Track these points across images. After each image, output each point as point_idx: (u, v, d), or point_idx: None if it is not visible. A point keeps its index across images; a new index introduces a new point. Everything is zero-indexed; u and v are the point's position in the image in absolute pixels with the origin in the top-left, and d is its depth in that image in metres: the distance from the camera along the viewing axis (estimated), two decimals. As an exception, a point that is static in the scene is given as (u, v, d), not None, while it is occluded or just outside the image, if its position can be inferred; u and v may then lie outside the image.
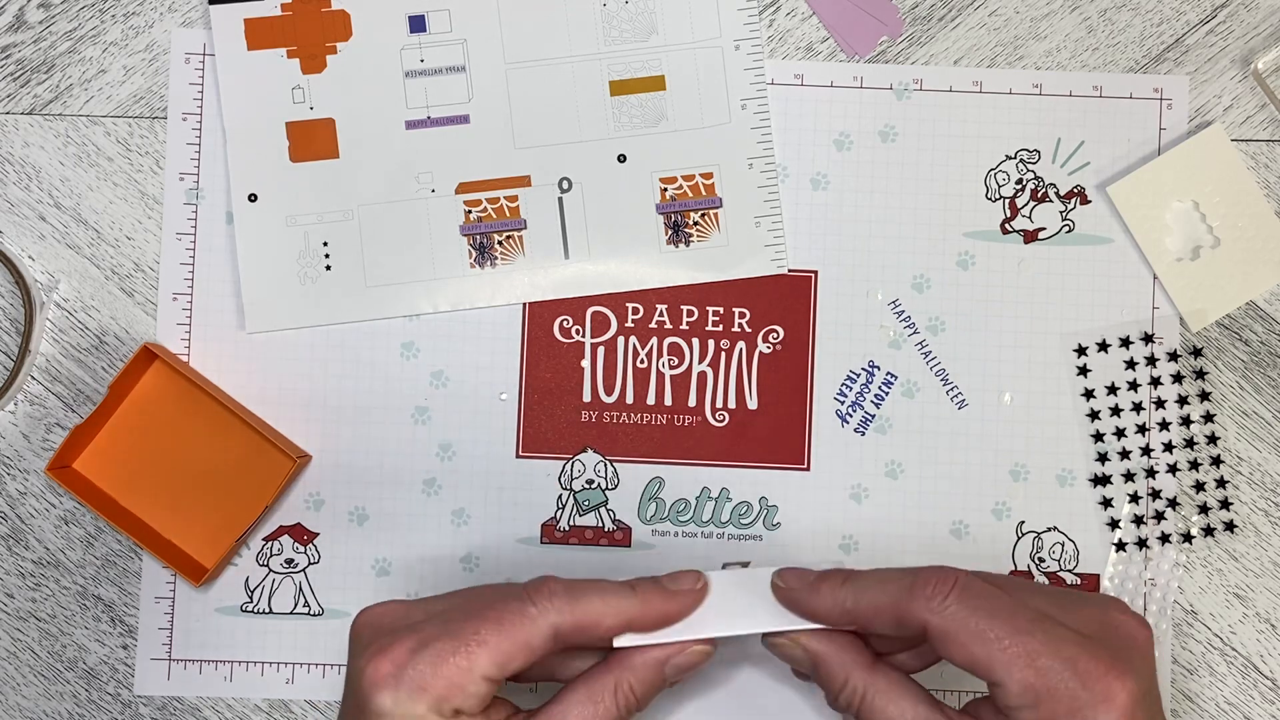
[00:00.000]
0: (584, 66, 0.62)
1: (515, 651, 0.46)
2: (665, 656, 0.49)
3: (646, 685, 0.49)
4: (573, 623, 0.47)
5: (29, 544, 0.62)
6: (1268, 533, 0.62)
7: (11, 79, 0.63)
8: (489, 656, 0.45)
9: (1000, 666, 0.44)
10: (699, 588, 0.50)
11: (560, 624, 0.46)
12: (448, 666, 0.45)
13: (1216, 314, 0.62)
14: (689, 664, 0.49)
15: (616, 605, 0.48)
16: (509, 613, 0.46)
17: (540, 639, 0.46)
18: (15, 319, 0.62)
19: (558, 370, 0.62)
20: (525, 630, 0.46)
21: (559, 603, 0.47)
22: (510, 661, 0.46)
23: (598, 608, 0.47)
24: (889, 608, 0.46)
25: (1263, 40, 0.64)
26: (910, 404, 0.62)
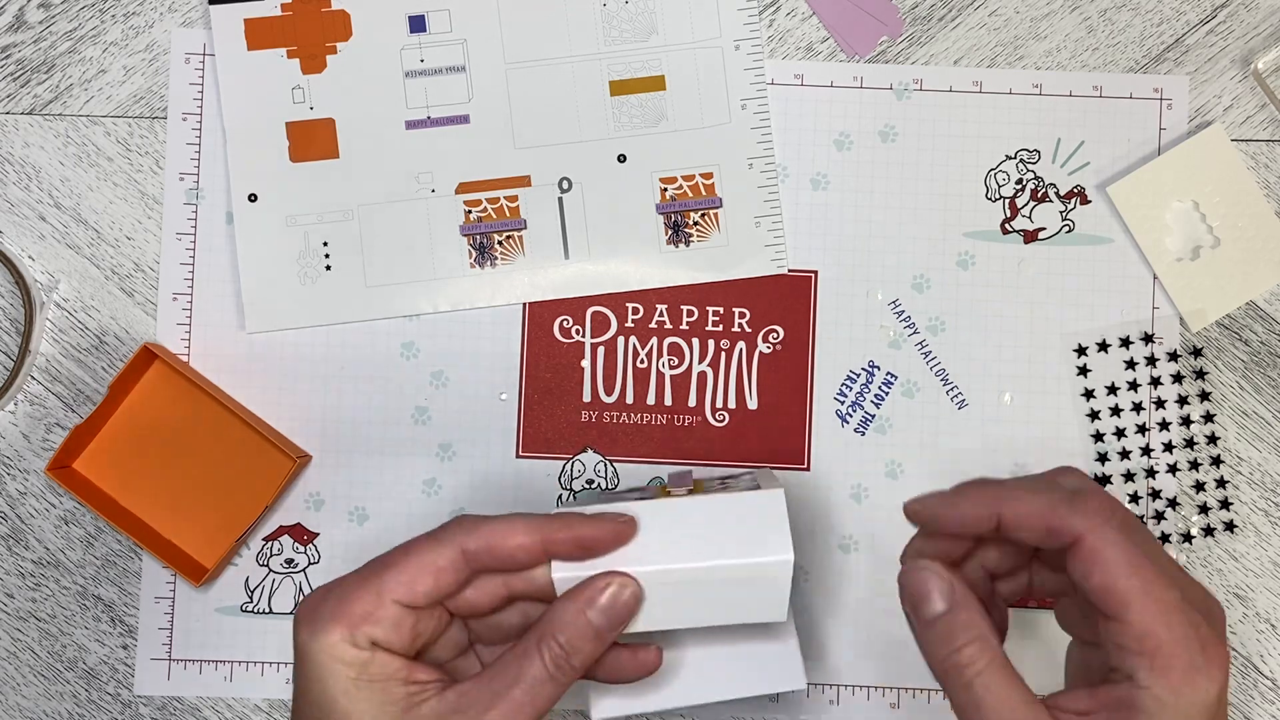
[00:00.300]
0: (584, 66, 0.62)
1: (420, 572, 0.46)
2: (583, 602, 0.47)
3: (575, 638, 0.46)
4: (481, 541, 0.46)
5: (29, 544, 0.62)
6: (1268, 533, 0.62)
7: (11, 79, 0.63)
8: (394, 579, 0.46)
9: (1137, 606, 0.43)
10: (621, 522, 0.48)
11: (466, 543, 0.46)
12: (355, 594, 0.46)
13: (1216, 314, 0.62)
14: (612, 605, 0.47)
15: (528, 523, 0.47)
16: (418, 542, 0.47)
17: (446, 559, 0.46)
18: (15, 319, 0.62)
19: (558, 370, 0.62)
20: (430, 552, 0.46)
21: (466, 525, 0.47)
22: (416, 582, 0.46)
23: (503, 526, 0.47)
24: (1043, 514, 0.45)
25: (1263, 40, 0.64)
26: (910, 404, 0.62)
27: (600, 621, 0.47)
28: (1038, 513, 0.45)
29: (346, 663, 0.45)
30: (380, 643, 0.46)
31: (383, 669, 0.46)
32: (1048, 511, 0.45)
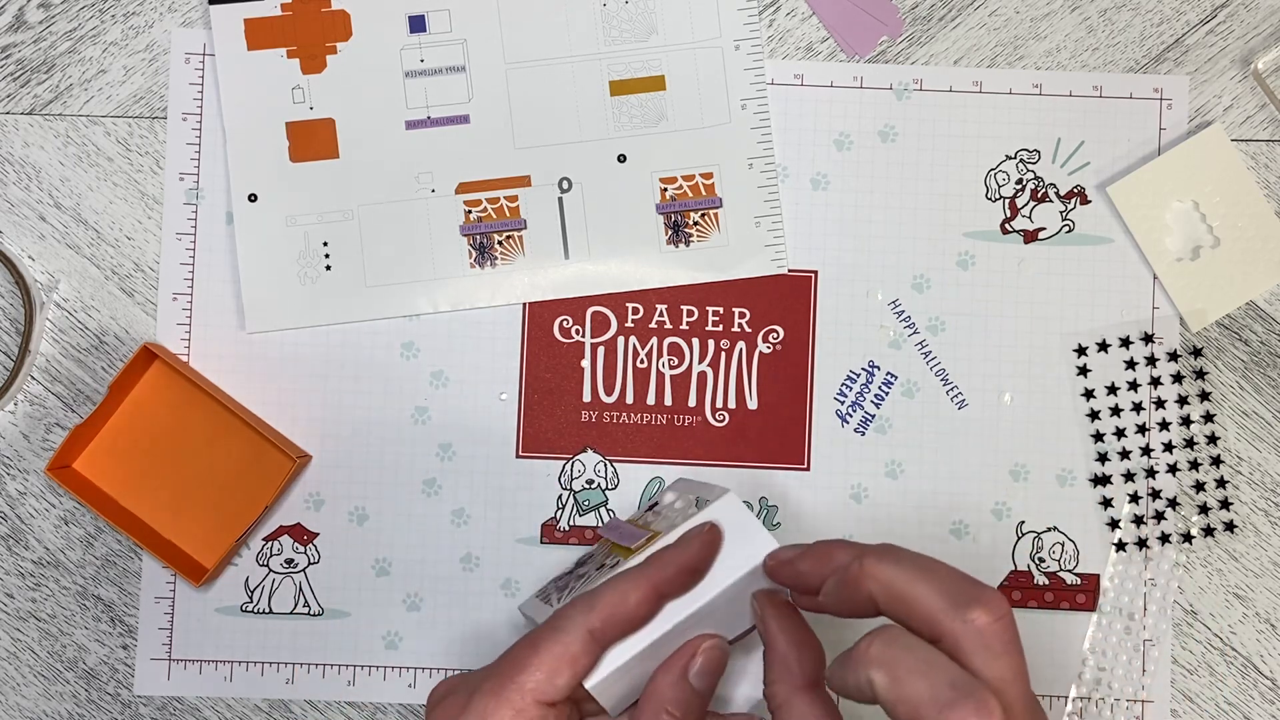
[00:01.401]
0: (584, 66, 0.62)
1: (558, 665, 0.46)
2: (683, 667, 0.49)
3: (680, 703, 0.49)
4: (601, 617, 0.47)
5: (29, 544, 0.62)
6: (1268, 533, 0.62)
7: (11, 79, 0.63)
8: (534, 678, 0.46)
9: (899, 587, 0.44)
10: (707, 532, 0.50)
11: (590, 624, 0.47)
12: (498, 702, 0.46)
13: (1216, 314, 0.62)
14: (710, 665, 0.49)
15: (634, 581, 0.48)
16: (542, 637, 0.47)
17: (578, 645, 0.47)
18: (15, 319, 0.62)
19: (558, 370, 0.62)
20: (561, 643, 0.47)
21: (581, 607, 0.48)
22: (556, 676, 0.46)
23: (616, 592, 0.48)
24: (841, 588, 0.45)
25: (1263, 40, 0.64)
26: (910, 404, 0.62)
27: (701, 685, 0.49)
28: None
29: None
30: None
31: None
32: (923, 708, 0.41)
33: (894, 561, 0.44)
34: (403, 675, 0.62)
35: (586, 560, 0.58)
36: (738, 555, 0.50)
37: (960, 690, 0.40)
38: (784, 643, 0.48)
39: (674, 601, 0.49)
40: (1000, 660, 0.42)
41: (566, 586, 0.55)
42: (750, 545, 0.50)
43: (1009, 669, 0.42)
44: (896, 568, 0.44)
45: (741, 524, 0.51)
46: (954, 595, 0.43)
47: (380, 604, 0.62)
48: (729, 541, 0.50)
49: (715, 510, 0.51)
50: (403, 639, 0.62)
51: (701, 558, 0.49)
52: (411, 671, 0.62)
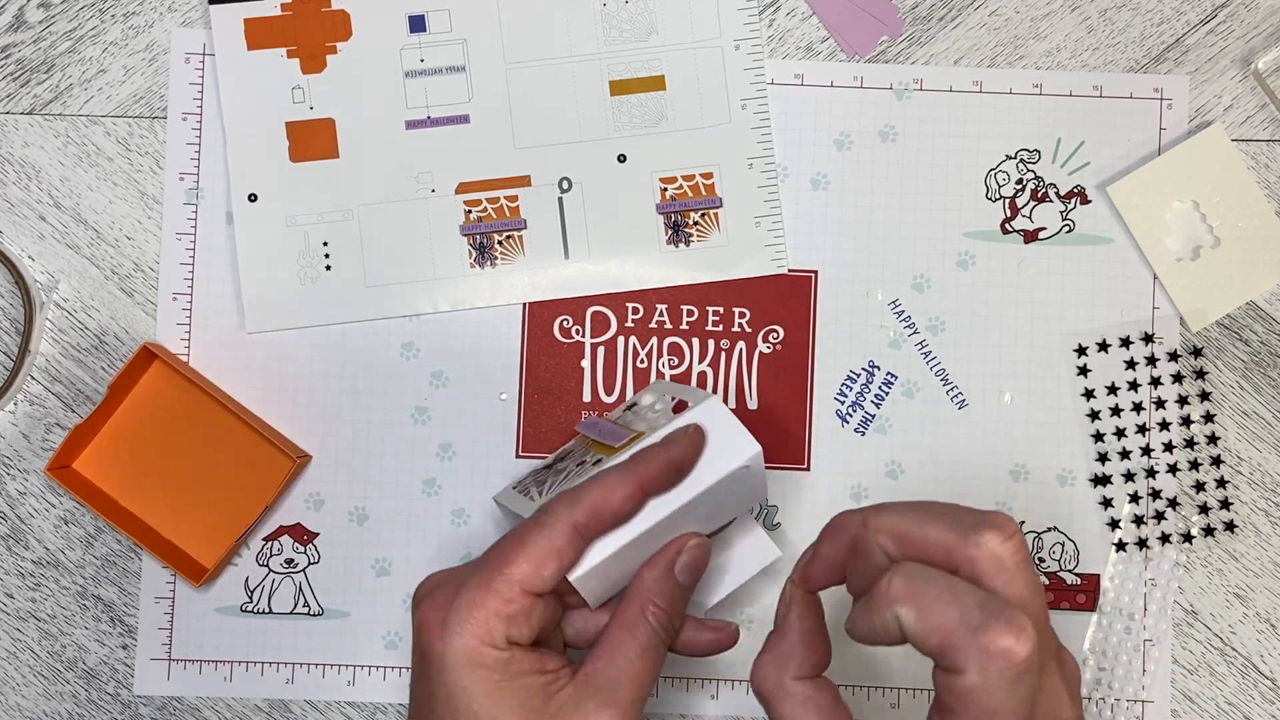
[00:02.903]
0: (584, 66, 0.62)
1: (544, 558, 0.47)
2: (669, 563, 0.50)
3: (666, 596, 0.50)
4: (586, 512, 0.48)
5: (29, 544, 0.62)
6: (1268, 533, 0.62)
7: (11, 79, 0.63)
8: (521, 570, 0.47)
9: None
10: (691, 431, 0.50)
11: (575, 518, 0.48)
12: (485, 592, 0.47)
13: (1216, 314, 0.62)
14: (693, 561, 0.50)
15: (619, 477, 0.49)
16: (529, 531, 0.48)
17: (563, 539, 0.48)
18: (15, 319, 0.62)
19: (558, 370, 0.62)
20: (546, 536, 0.47)
21: (566, 502, 0.48)
22: (542, 568, 0.47)
23: (601, 488, 0.49)
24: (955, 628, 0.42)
25: (1263, 40, 0.64)
26: (910, 404, 0.62)
27: (686, 580, 0.51)
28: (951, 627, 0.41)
29: (489, 666, 0.46)
30: (516, 639, 0.47)
31: (521, 665, 0.47)
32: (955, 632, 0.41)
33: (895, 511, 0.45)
34: (403, 675, 0.62)
35: (565, 457, 0.58)
36: (720, 455, 0.51)
37: (990, 611, 0.40)
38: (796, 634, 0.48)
39: (657, 499, 0.50)
40: (1018, 578, 0.42)
41: (545, 481, 0.55)
42: (732, 446, 0.51)
43: (1027, 586, 0.42)
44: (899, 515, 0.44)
45: (724, 426, 0.51)
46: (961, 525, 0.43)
47: (380, 604, 0.62)
48: (712, 442, 0.51)
49: (698, 412, 0.52)
50: (403, 639, 0.62)
51: (686, 456, 0.50)
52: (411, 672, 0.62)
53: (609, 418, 0.59)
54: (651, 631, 0.49)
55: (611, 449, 0.53)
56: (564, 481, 0.53)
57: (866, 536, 0.44)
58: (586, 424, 0.58)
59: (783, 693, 0.47)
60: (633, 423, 0.56)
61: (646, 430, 0.53)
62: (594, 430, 0.56)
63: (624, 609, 0.50)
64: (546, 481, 0.55)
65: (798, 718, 0.46)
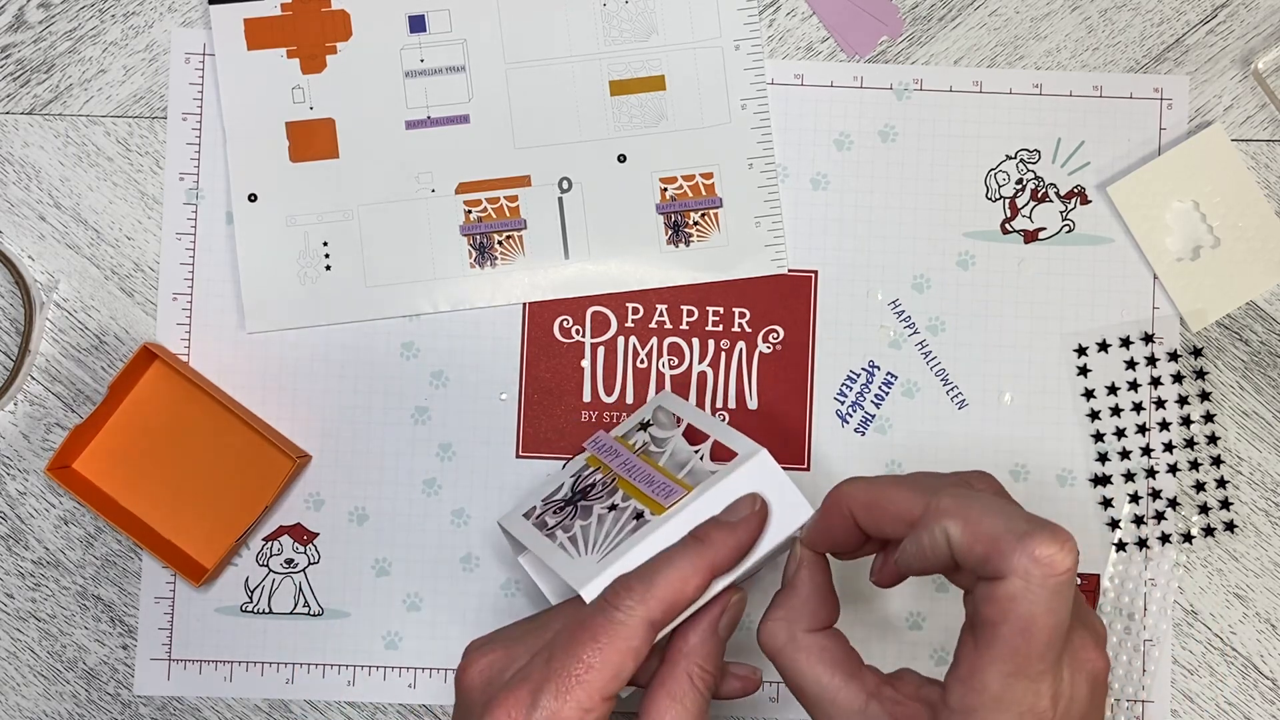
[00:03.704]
0: (584, 66, 0.62)
1: (622, 662, 0.46)
2: (713, 622, 0.49)
3: (712, 657, 0.49)
4: (661, 607, 0.47)
5: (29, 544, 0.62)
6: (1268, 533, 0.62)
7: (11, 79, 0.63)
8: (600, 678, 0.46)
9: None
10: (758, 509, 0.50)
11: (650, 615, 0.47)
12: (562, 702, 0.45)
13: (1216, 314, 0.62)
14: (735, 617, 0.50)
15: (692, 564, 0.48)
16: (601, 629, 0.46)
17: (640, 639, 0.46)
18: (15, 319, 0.62)
19: (558, 370, 0.62)
20: (623, 638, 0.46)
21: (638, 594, 0.47)
22: (621, 672, 0.46)
23: (675, 579, 0.47)
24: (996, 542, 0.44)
25: (1263, 40, 0.64)
26: (910, 404, 0.62)
27: (726, 635, 0.49)
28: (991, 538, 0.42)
29: None
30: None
31: None
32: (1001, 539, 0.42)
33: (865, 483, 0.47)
34: (403, 675, 0.62)
35: (589, 490, 0.55)
36: (775, 520, 0.50)
37: (1035, 523, 0.42)
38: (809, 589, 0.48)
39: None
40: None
41: (571, 520, 0.53)
42: (786, 508, 0.50)
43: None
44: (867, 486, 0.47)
45: (776, 485, 0.50)
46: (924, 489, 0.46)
47: (380, 604, 0.62)
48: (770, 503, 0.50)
49: (754, 475, 0.50)
50: (403, 639, 0.62)
51: (755, 539, 0.50)
52: (411, 671, 0.62)
53: (630, 443, 0.57)
54: (699, 696, 0.48)
55: (660, 507, 0.51)
56: (603, 534, 0.51)
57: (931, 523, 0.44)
58: (602, 448, 0.57)
59: (795, 646, 0.47)
60: (664, 462, 0.54)
61: (690, 483, 0.51)
62: (617, 462, 0.55)
63: (668, 674, 0.48)
64: (574, 523, 0.53)
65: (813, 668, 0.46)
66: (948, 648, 0.61)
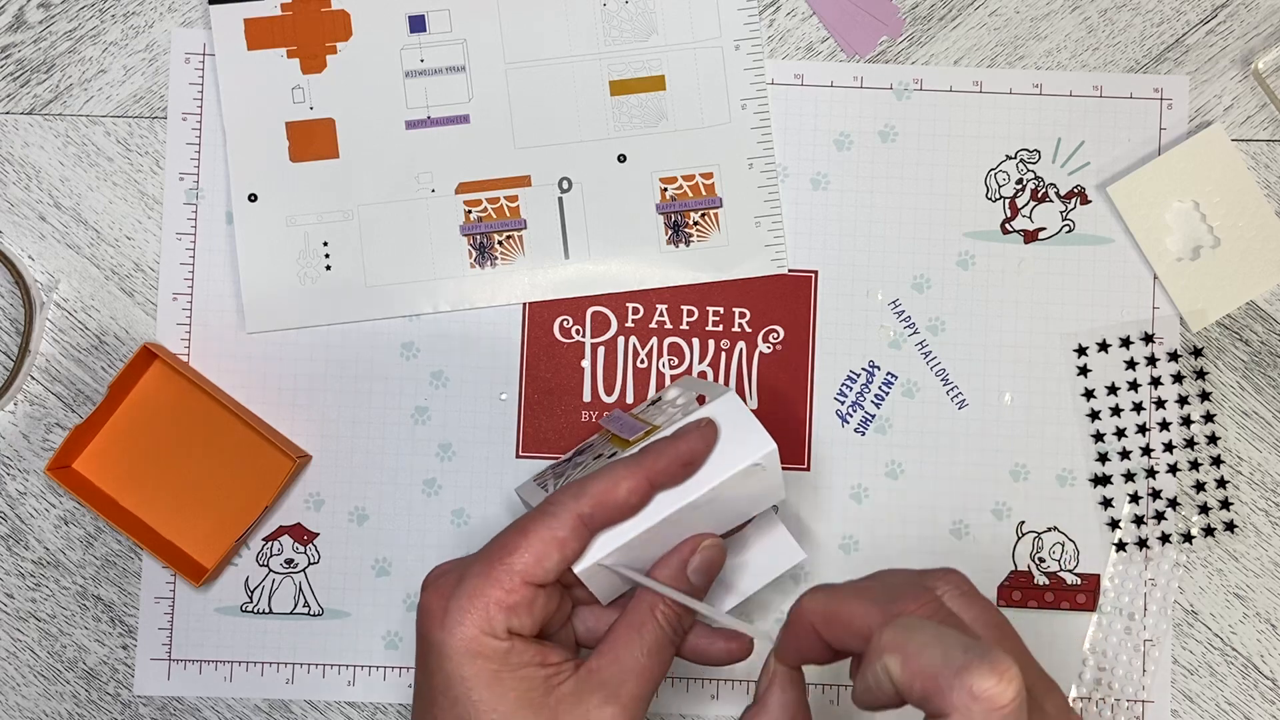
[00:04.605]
0: (584, 66, 0.62)
1: (546, 548, 0.47)
2: (681, 561, 0.50)
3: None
4: (591, 503, 0.48)
5: (29, 544, 0.62)
6: (1268, 533, 0.62)
7: (11, 79, 0.63)
8: (522, 560, 0.47)
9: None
10: (704, 426, 0.50)
11: (580, 509, 0.47)
12: (486, 582, 0.46)
13: (1216, 314, 0.62)
14: (708, 561, 0.50)
15: (627, 469, 0.48)
16: (532, 521, 0.48)
17: (566, 529, 0.47)
18: (15, 319, 0.62)
19: (558, 370, 0.62)
20: (550, 527, 0.47)
21: (572, 493, 0.48)
22: (544, 558, 0.47)
23: (608, 479, 0.48)
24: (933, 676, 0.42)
25: (1263, 40, 0.64)
26: (910, 404, 0.62)
27: (699, 582, 0.50)
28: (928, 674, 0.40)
29: (487, 656, 0.46)
30: (518, 630, 0.46)
31: (521, 657, 0.46)
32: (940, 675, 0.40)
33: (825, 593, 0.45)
34: (403, 675, 0.62)
35: (585, 449, 0.58)
36: (734, 452, 0.50)
37: (974, 653, 0.39)
38: (778, 708, 0.47)
39: (666, 494, 0.49)
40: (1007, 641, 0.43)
41: (563, 474, 0.55)
42: (746, 443, 0.50)
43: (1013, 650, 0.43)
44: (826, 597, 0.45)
45: (739, 422, 0.50)
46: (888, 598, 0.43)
47: (380, 604, 0.62)
48: (725, 438, 0.50)
49: (714, 407, 0.51)
50: (403, 639, 0.62)
51: (696, 450, 0.49)
52: (411, 671, 0.62)
53: (633, 413, 0.59)
54: (659, 630, 0.49)
55: (626, 442, 0.53)
56: (580, 473, 0.53)
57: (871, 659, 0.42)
58: (609, 418, 0.58)
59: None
60: (654, 417, 0.55)
61: (664, 425, 0.52)
62: (614, 424, 0.56)
63: (633, 607, 0.49)
64: (564, 474, 0.55)
65: None
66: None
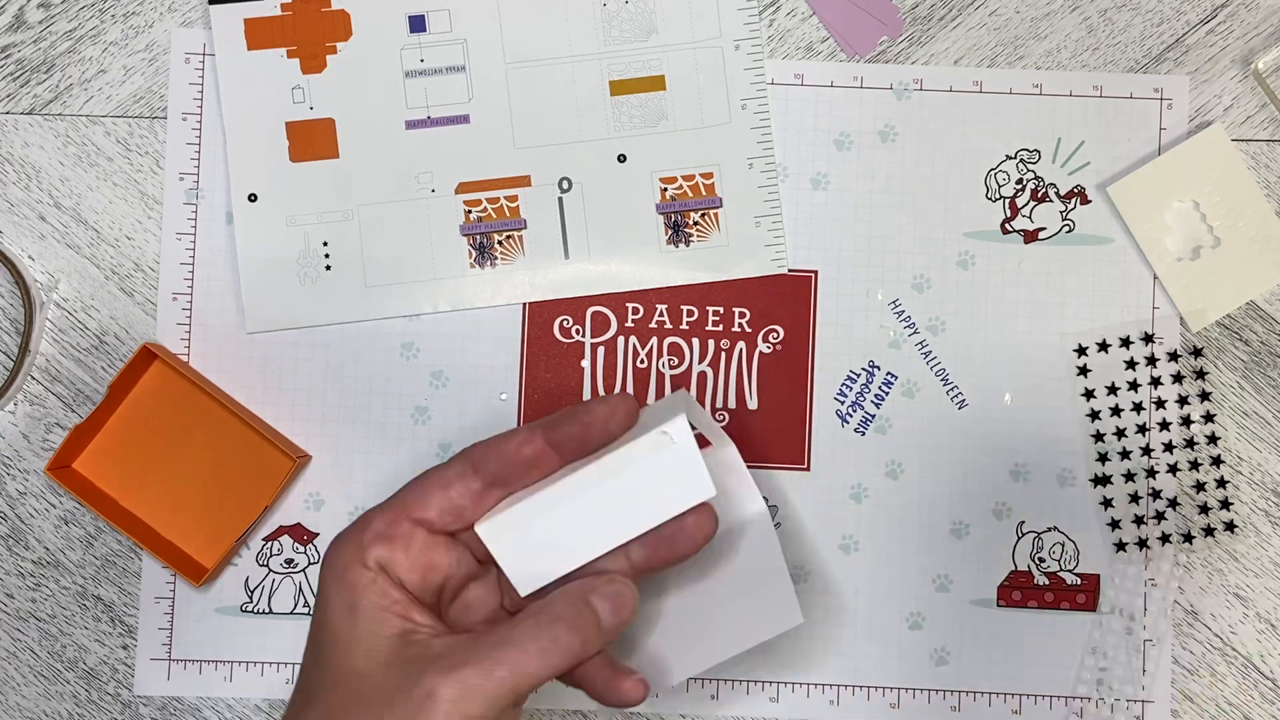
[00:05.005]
0: (584, 66, 0.62)
1: (429, 488, 0.47)
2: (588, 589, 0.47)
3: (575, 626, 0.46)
4: (481, 450, 0.47)
5: (29, 544, 0.62)
6: (1268, 533, 0.62)
7: (11, 79, 0.63)
8: (408, 497, 0.47)
9: None
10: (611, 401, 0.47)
11: (472, 454, 0.47)
12: (374, 515, 0.46)
13: (1216, 314, 0.62)
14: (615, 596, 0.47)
15: (525, 428, 0.47)
16: (429, 469, 0.48)
17: (452, 471, 0.47)
18: (15, 319, 0.62)
19: (558, 370, 0.62)
20: (439, 469, 0.47)
21: (475, 443, 0.48)
22: (428, 494, 0.47)
23: (504, 432, 0.48)
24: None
25: (1263, 40, 0.64)
26: (910, 404, 0.62)
27: (606, 617, 0.46)
28: None
29: (349, 583, 0.45)
30: (387, 567, 0.46)
31: (381, 596, 0.45)
32: None
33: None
34: (403, 675, 0.62)
35: None
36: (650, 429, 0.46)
37: None
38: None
39: (575, 473, 0.46)
40: None
41: None
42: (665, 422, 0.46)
43: None
44: None
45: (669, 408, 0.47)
46: None
47: (380, 604, 0.62)
48: (646, 423, 0.47)
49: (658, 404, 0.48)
50: (403, 639, 0.62)
51: (598, 417, 0.47)
52: (411, 671, 0.61)
53: None
54: (533, 643, 0.45)
55: None
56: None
57: None
58: None
59: None
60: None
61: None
62: None
63: (529, 609, 0.46)
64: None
65: None
66: (949, 647, 0.61)
